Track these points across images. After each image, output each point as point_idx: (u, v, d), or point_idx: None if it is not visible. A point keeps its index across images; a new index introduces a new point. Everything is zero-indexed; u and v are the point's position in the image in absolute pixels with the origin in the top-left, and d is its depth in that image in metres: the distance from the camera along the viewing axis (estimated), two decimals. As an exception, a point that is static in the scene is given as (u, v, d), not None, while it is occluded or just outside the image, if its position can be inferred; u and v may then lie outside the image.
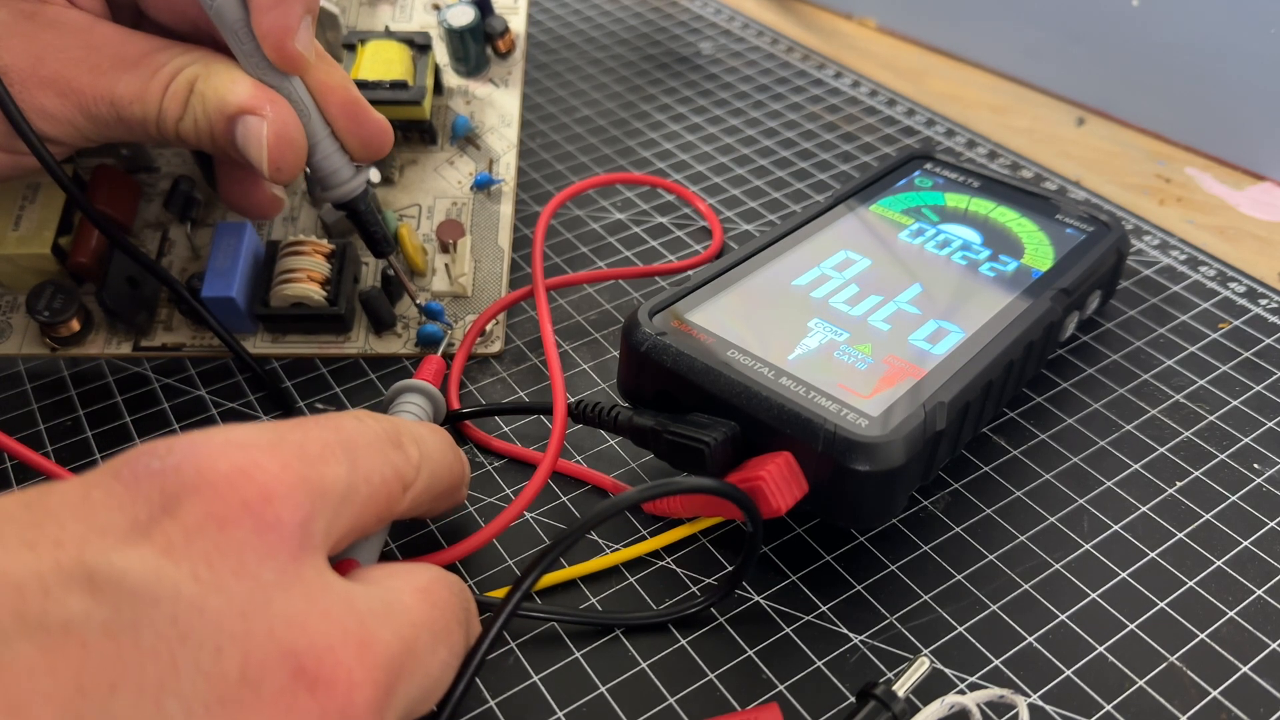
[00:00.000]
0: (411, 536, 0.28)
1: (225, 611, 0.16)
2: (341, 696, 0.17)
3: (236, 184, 0.32)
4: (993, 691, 0.23)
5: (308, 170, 0.30)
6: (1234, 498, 0.28)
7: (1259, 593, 0.26)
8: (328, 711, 0.16)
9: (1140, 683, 0.24)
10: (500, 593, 0.26)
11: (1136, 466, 0.29)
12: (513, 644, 0.25)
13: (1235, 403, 0.31)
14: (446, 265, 0.34)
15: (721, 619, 0.26)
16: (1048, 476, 0.29)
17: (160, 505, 0.17)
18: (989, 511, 0.28)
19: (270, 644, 0.16)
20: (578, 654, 0.25)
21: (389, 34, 0.37)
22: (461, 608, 0.21)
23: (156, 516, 0.17)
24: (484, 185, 0.37)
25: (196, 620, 0.16)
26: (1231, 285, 0.36)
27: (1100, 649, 0.25)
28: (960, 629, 0.25)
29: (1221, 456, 0.30)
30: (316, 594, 0.17)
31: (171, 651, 0.15)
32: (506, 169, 0.38)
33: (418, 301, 0.33)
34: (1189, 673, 0.24)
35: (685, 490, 0.24)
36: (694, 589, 0.27)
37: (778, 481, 0.24)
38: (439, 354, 0.32)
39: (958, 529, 0.28)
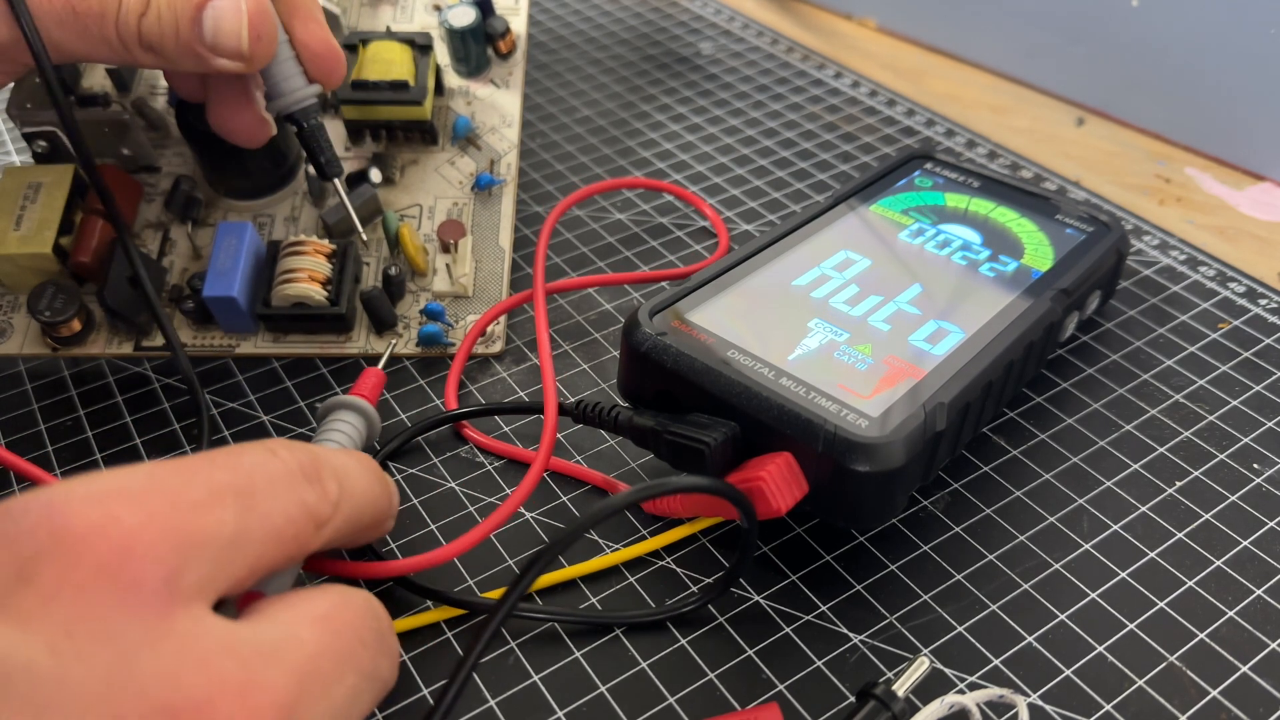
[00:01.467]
0: (410, 537, 0.28)
1: (87, 680, 0.15)
2: None
3: (225, 105, 0.31)
4: (992, 691, 0.23)
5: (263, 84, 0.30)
6: (1233, 498, 0.29)
7: (1258, 592, 0.26)
8: None
9: (1140, 682, 0.24)
10: (498, 593, 0.26)
11: (1136, 466, 0.29)
12: (513, 644, 0.25)
13: (1235, 403, 0.31)
14: (448, 265, 0.34)
15: (721, 619, 0.26)
16: (1047, 476, 0.29)
17: (15, 573, 0.16)
18: (989, 511, 0.28)
19: (142, 703, 0.16)
20: (578, 654, 0.25)
21: (390, 34, 0.38)
22: (369, 628, 0.20)
23: (11, 586, 0.16)
24: (485, 185, 0.37)
25: (56, 693, 0.15)
26: (1231, 285, 0.36)
27: (1100, 649, 0.25)
28: (960, 629, 0.25)
29: (1221, 456, 0.30)
30: (189, 645, 0.17)
31: None
32: (507, 169, 0.38)
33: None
34: (1189, 672, 0.24)
35: (682, 489, 0.24)
36: (693, 588, 0.27)
37: (778, 482, 0.24)
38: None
39: (958, 529, 0.28)
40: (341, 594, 0.20)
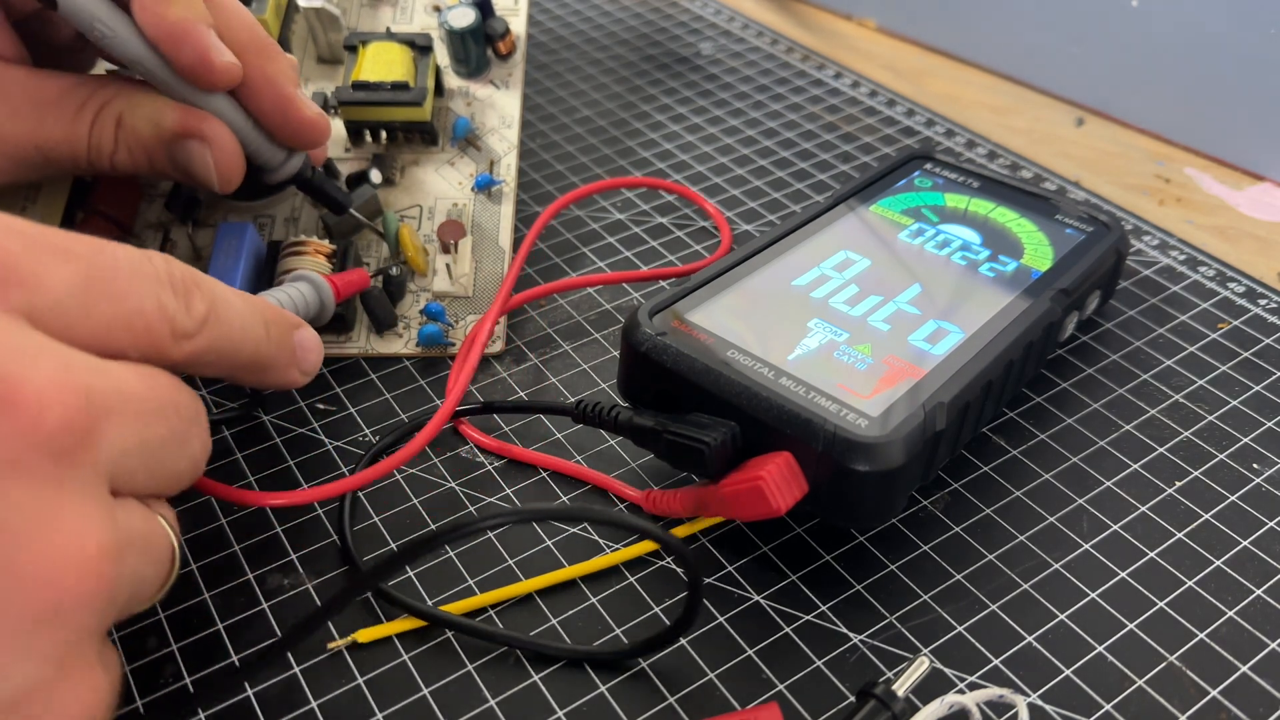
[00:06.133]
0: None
1: None
2: (29, 414, 0.17)
3: None
4: (992, 691, 0.23)
5: None
6: (1233, 497, 0.29)
7: (1258, 592, 0.26)
8: (19, 429, 0.16)
9: (1140, 682, 0.24)
10: (457, 606, 0.26)
11: (1136, 466, 0.29)
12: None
13: (1234, 403, 0.31)
14: (448, 265, 0.34)
15: (721, 619, 0.26)
16: (1047, 476, 0.29)
17: None
18: (989, 511, 0.28)
19: None
20: (578, 654, 0.25)
21: (390, 35, 0.38)
22: (185, 401, 0.21)
23: None
24: (485, 186, 0.37)
25: None
26: (1231, 285, 0.36)
27: (1100, 649, 0.25)
28: (960, 629, 0.25)
29: (1221, 456, 0.30)
30: (14, 335, 0.17)
31: None
32: (507, 170, 0.38)
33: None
34: (1188, 672, 0.24)
35: (604, 521, 0.24)
36: (626, 640, 0.26)
37: (778, 481, 0.24)
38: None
39: (957, 529, 0.28)
40: (161, 370, 0.21)
